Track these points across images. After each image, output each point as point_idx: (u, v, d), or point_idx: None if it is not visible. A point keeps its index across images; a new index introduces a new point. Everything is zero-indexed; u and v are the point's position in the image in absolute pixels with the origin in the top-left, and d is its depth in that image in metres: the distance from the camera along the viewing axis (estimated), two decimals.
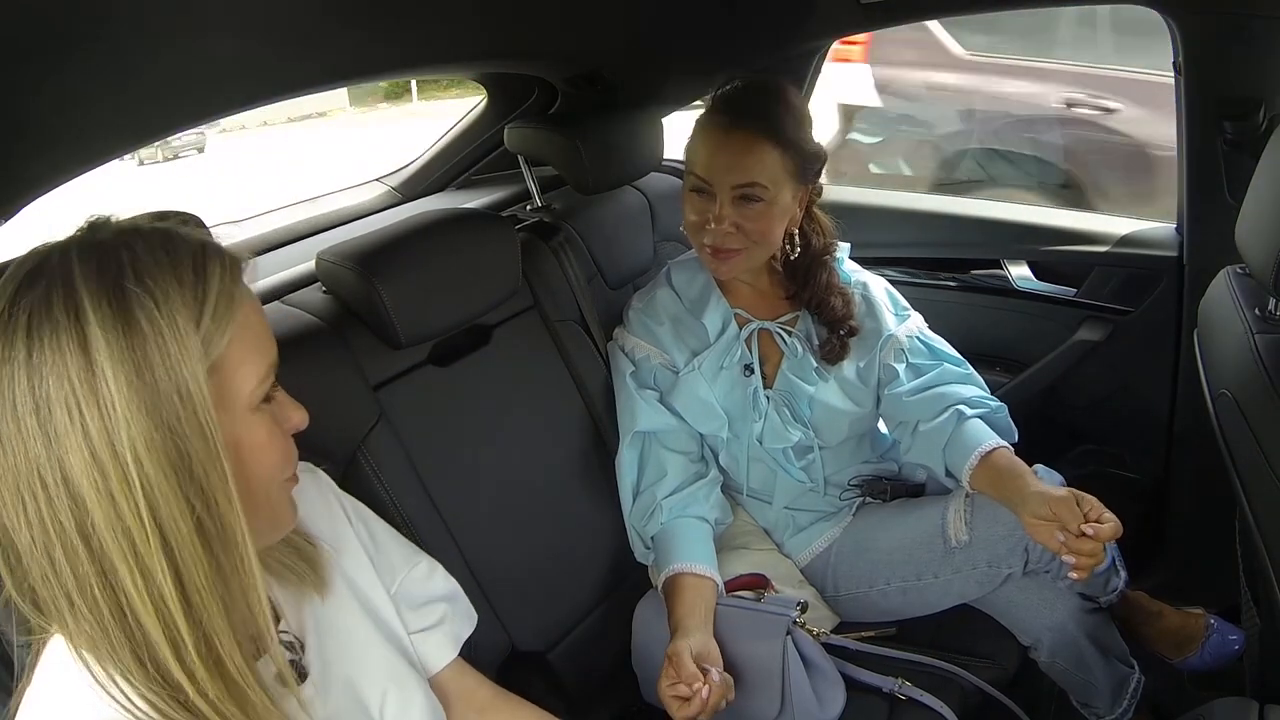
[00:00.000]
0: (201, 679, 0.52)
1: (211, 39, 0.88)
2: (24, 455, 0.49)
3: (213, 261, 0.54)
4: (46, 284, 0.50)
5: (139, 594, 0.50)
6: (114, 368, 0.49)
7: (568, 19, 1.34)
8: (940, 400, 1.18)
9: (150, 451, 0.50)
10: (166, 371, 0.51)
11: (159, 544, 0.50)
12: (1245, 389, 0.94)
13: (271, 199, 1.58)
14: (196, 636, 0.52)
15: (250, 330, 0.56)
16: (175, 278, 0.52)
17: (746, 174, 1.11)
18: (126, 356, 0.50)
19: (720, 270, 1.18)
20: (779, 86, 1.16)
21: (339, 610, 0.70)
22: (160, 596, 0.51)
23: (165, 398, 0.50)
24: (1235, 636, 1.29)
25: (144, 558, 0.50)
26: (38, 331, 0.49)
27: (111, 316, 0.49)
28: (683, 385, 1.19)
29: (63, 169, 0.89)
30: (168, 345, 0.51)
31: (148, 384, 0.50)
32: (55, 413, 0.49)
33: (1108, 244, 1.56)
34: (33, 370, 0.49)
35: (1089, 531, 0.94)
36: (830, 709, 1.03)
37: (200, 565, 0.52)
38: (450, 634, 0.80)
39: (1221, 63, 1.29)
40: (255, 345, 0.57)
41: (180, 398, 0.51)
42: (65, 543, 0.50)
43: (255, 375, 0.56)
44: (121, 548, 0.50)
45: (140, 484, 0.50)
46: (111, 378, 0.49)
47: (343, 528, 0.74)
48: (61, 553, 0.50)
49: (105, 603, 0.51)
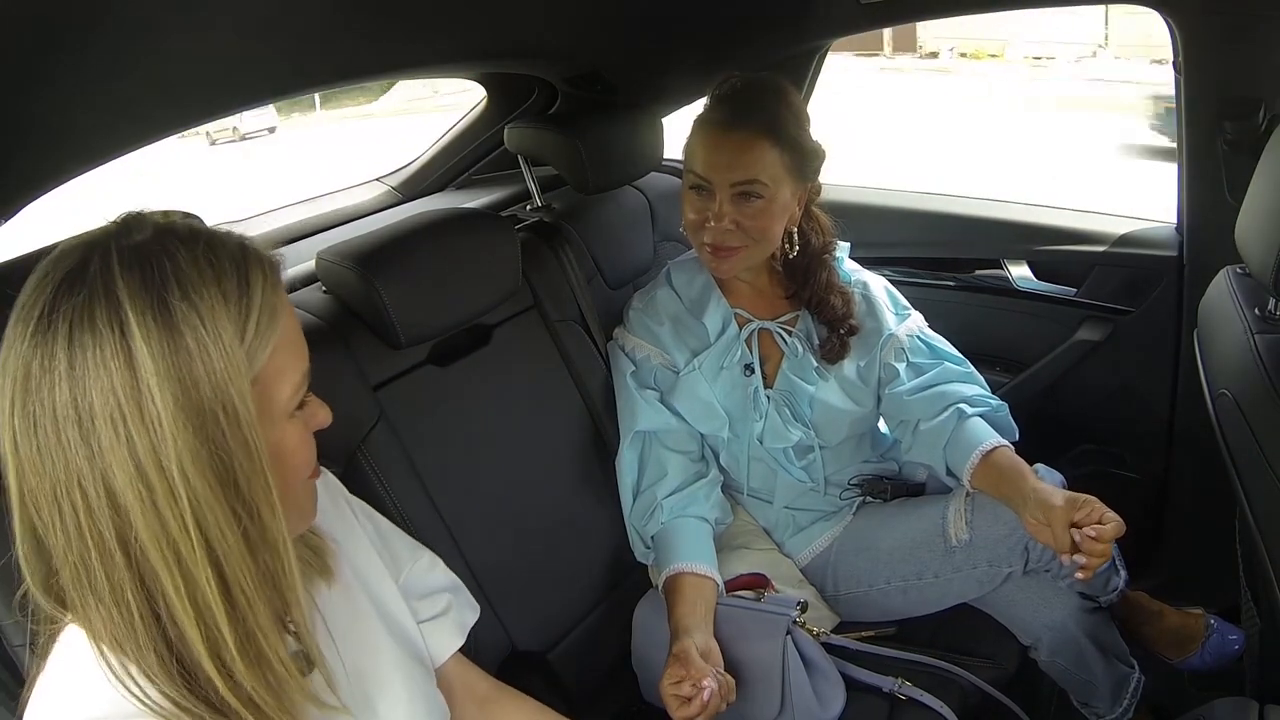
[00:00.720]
0: (240, 674, 0.53)
1: (212, 39, 0.88)
2: (64, 465, 0.49)
3: (255, 271, 0.54)
4: (88, 292, 0.49)
5: (180, 600, 0.51)
6: (160, 385, 0.49)
7: (568, 19, 1.34)
8: (941, 399, 1.18)
9: (196, 465, 0.50)
10: (212, 388, 0.51)
11: (204, 553, 0.51)
12: (1245, 389, 0.94)
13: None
14: (239, 635, 0.52)
15: (289, 339, 0.56)
16: (220, 292, 0.52)
17: (745, 171, 1.11)
18: (172, 373, 0.50)
19: (720, 269, 1.18)
20: (777, 85, 1.16)
21: (347, 604, 0.71)
22: (205, 601, 0.51)
23: (210, 414, 0.51)
24: (1235, 636, 1.29)
25: (189, 566, 0.51)
26: (79, 343, 0.49)
27: (157, 332, 0.49)
28: (683, 385, 1.19)
29: (63, 169, 0.89)
30: (213, 362, 0.51)
31: (193, 400, 0.50)
32: (99, 426, 0.49)
33: (1108, 244, 1.56)
34: (75, 382, 0.49)
35: (1091, 534, 0.95)
36: (830, 709, 1.03)
37: (246, 570, 0.53)
38: (457, 622, 0.82)
39: (1221, 63, 1.29)
40: (294, 353, 0.57)
41: (225, 413, 0.51)
42: (102, 549, 0.50)
43: (293, 384, 0.57)
44: (165, 557, 0.50)
45: (187, 497, 0.50)
46: (158, 394, 0.49)
47: (351, 525, 0.76)
48: (96, 558, 0.50)
49: (137, 607, 0.51)
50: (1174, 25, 1.31)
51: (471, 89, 1.67)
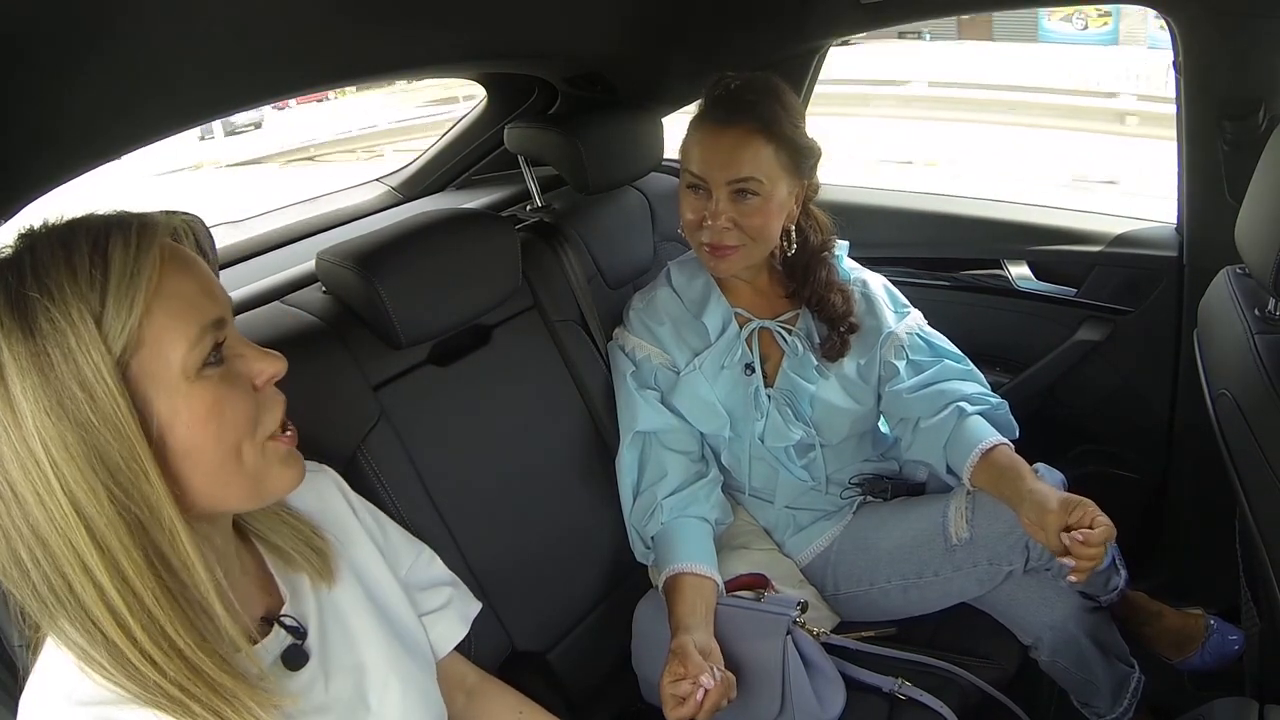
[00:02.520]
0: (161, 663, 0.53)
1: (212, 39, 0.88)
2: None
3: (114, 240, 0.53)
4: None
5: (84, 588, 0.52)
6: (22, 377, 0.50)
7: (568, 19, 1.34)
8: (941, 397, 1.18)
9: (65, 451, 0.51)
10: (68, 368, 0.51)
11: (88, 539, 0.52)
12: (1245, 389, 0.94)
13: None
14: (145, 624, 0.53)
15: (174, 297, 0.54)
16: (69, 269, 0.51)
17: (741, 169, 1.11)
18: (31, 364, 0.50)
19: (719, 268, 1.18)
20: (771, 83, 1.16)
21: (346, 600, 0.71)
22: (101, 589, 0.52)
23: (70, 395, 0.51)
24: (1235, 636, 1.29)
25: (82, 554, 0.52)
26: None
27: (14, 325, 0.50)
28: (684, 385, 1.19)
29: (63, 169, 0.89)
30: (66, 340, 0.51)
31: (53, 385, 0.51)
32: None
33: (1107, 244, 1.56)
34: None
35: (1079, 538, 0.95)
36: (830, 709, 1.03)
37: (131, 555, 0.53)
38: (459, 613, 0.83)
39: (1221, 63, 1.29)
40: (181, 311, 0.54)
41: (85, 391, 0.51)
42: (26, 544, 0.52)
43: (184, 342, 0.54)
44: (61, 546, 0.52)
45: (59, 484, 0.51)
46: (19, 388, 0.50)
47: (351, 522, 0.76)
48: (25, 553, 0.52)
49: (67, 598, 0.53)
50: (1174, 25, 1.31)
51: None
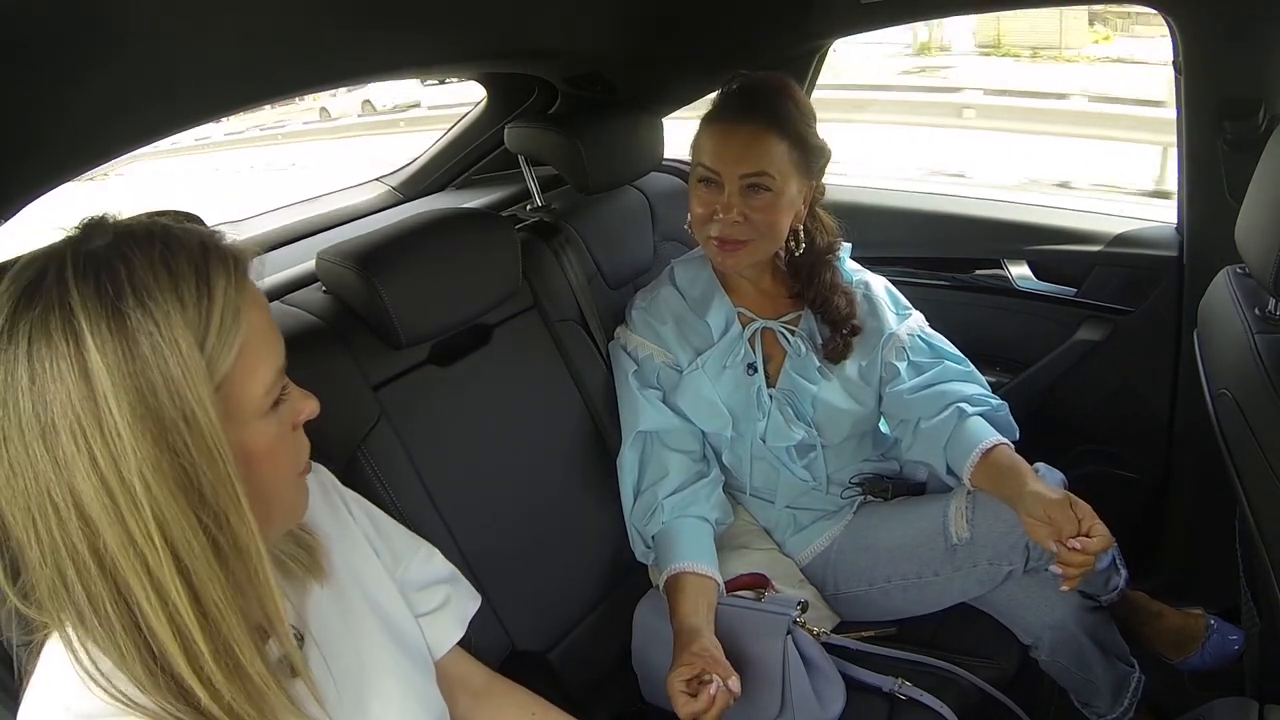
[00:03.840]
0: (220, 685, 0.52)
1: (211, 40, 0.88)
2: (33, 478, 0.49)
3: (216, 271, 0.52)
4: (44, 304, 0.49)
5: (154, 611, 0.50)
6: (117, 395, 0.48)
7: (568, 19, 1.34)
8: (941, 398, 1.18)
9: (158, 475, 0.49)
10: (170, 397, 0.50)
11: (171, 563, 0.50)
12: (1245, 389, 0.94)
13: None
14: (215, 647, 0.52)
15: (258, 337, 0.54)
16: (177, 297, 0.50)
17: (755, 163, 1.11)
18: (129, 384, 0.49)
19: (726, 263, 1.18)
20: (784, 82, 1.17)
21: (342, 603, 0.70)
22: (176, 612, 0.51)
23: (171, 423, 0.50)
24: (1235, 636, 1.29)
25: (158, 577, 0.50)
26: (38, 356, 0.48)
27: (112, 342, 0.48)
28: (686, 384, 1.20)
29: (62, 169, 0.89)
30: (170, 370, 0.50)
31: (151, 409, 0.49)
32: (61, 438, 0.48)
33: (1108, 244, 1.56)
34: (36, 396, 0.48)
35: (1077, 545, 0.95)
36: (830, 709, 1.03)
37: (216, 580, 0.52)
38: (456, 613, 0.82)
39: (1221, 63, 1.29)
40: (263, 352, 0.55)
41: (186, 422, 0.50)
42: (78, 561, 0.50)
43: (264, 383, 0.55)
44: (135, 568, 0.50)
45: (150, 508, 0.49)
46: (114, 405, 0.48)
47: (346, 522, 0.75)
48: (74, 571, 0.50)
49: (118, 619, 0.51)
50: (1174, 25, 1.31)
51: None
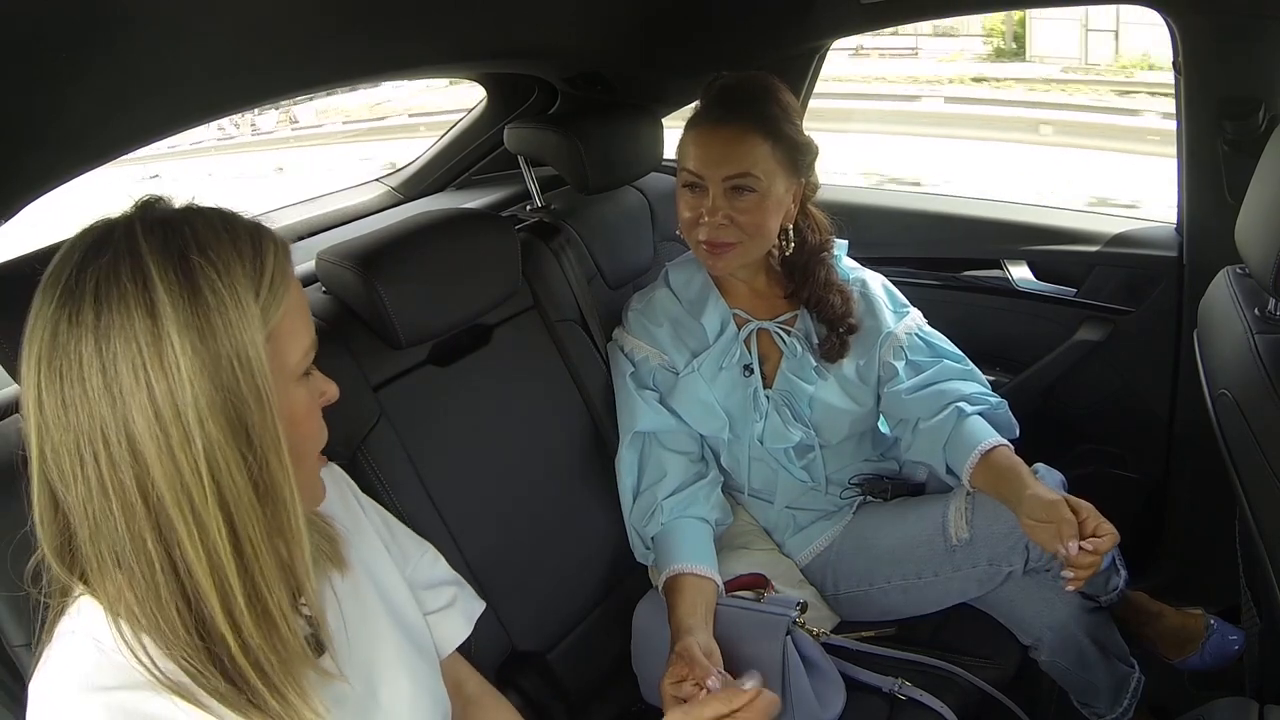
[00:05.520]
0: (247, 629, 0.55)
1: (211, 40, 0.88)
2: (88, 415, 0.52)
3: (267, 240, 0.58)
4: (113, 254, 0.52)
5: (194, 547, 0.53)
6: (180, 333, 0.52)
7: (568, 19, 1.34)
8: (940, 397, 1.18)
9: (211, 411, 0.53)
10: (229, 338, 0.53)
11: (215, 499, 0.53)
12: (1245, 389, 0.94)
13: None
14: (246, 587, 0.55)
15: (298, 305, 0.60)
16: (236, 252, 0.55)
17: (738, 164, 1.11)
18: (191, 323, 0.52)
19: (715, 266, 1.18)
20: (767, 81, 1.16)
21: (355, 595, 0.71)
22: (215, 549, 0.53)
23: (226, 362, 0.53)
24: (1235, 636, 1.29)
25: (200, 512, 0.53)
26: (105, 298, 0.51)
27: (178, 284, 0.52)
28: (682, 386, 1.19)
29: (62, 169, 0.89)
30: (229, 313, 0.53)
31: (210, 350, 0.53)
32: (122, 373, 0.51)
33: (1107, 244, 1.56)
34: (100, 334, 0.51)
35: (1088, 547, 0.95)
36: (830, 709, 1.03)
37: (254, 518, 0.55)
38: (463, 612, 0.84)
39: (1221, 63, 1.29)
40: (303, 320, 0.60)
41: (239, 363, 0.54)
42: (123, 500, 0.52)
43: (301, 347, 0.60)
44: (179, 502, 0.52)
45: (201, 442, 0.52)
46: (177, 342, 0.52)
47: (359, 517, 0.77)
48: (119, 508, 0.52)
49: (158, 558, 0.53)
50: (1174, 25, 1.31)
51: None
